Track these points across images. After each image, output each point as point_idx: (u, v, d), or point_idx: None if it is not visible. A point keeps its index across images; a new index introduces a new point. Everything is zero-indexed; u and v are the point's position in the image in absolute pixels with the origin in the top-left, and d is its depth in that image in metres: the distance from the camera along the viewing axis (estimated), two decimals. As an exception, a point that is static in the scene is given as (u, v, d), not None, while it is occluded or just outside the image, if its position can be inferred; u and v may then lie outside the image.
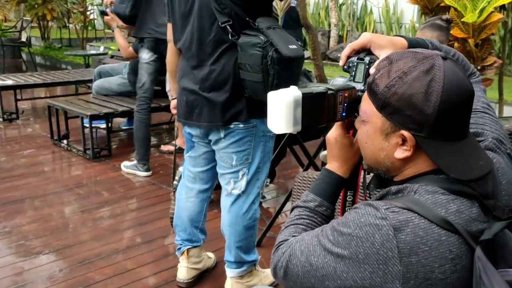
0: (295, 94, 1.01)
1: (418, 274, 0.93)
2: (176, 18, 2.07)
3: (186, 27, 2.02)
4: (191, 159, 2.23)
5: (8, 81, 5.33)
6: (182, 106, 2.09)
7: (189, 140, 2.20)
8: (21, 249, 2.69)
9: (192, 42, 2.00)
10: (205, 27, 1.94)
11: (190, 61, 2.03)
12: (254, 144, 2.05)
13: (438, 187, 0.98)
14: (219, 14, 1.89)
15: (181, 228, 2.31)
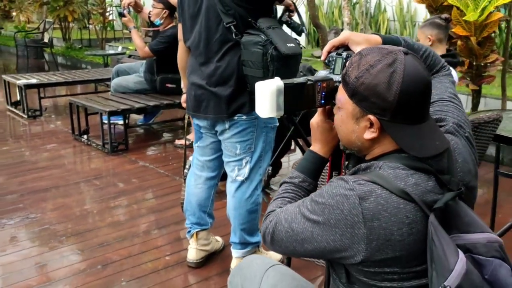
0: (278, 84, 1.19)
1: (379, 236, 1.10)
2: (186, 18, 2.26)
3: (195, 27, 2.21)
4: (199, 149, 2.43)
5: (32, 80, 5.60)
6: (191, 99, 2.29)
7: (198, 131, 2.39)
8: (46, 233, 2.92)
9: (200, 41, 2.19)
10: (211, 27, 2.13)
11: (198, 58, 2.22)
12: (256, 134, 2.23)
13: (400, 163, 1.15)
14: (224, 15, 2.08)
15: (191, 212, 2.50)
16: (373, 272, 1.15)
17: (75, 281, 2.42)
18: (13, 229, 2.97)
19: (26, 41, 9.56)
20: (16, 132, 5.33)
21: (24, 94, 5.54)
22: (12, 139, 4.97)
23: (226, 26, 2.09)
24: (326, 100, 1.28)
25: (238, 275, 1.51)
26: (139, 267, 2.54)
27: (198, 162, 2.46)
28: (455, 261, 1.06)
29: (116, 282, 2.41)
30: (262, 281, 1.44)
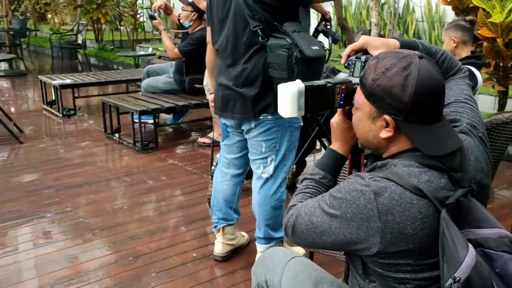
0: (299, 86, 1.28)
1: (393, 230, 1.17)
2: (214, 22, 2.36)
3: (223, 30, 2.31)
4: (226, 147, 2.53)
5: (67, 80, 5.81)
6: (219, 100, 2.39)
7: (225, 130, 2.49)
8: (80, 226, 3.07)
9: (227, 43, 2.28)
10: (238, 31, 2.23)
11: (225, 61, 2.32)
12: (281, 133, 2.31)
13: (414, 161, 1.22)
14: (250, 19, 2.17)
15: (217, 208, 2.60)
16: (388, 263, 1.22)
17: (108, 272, 2.55)
18: (50, 221, 3.13)
19: (61, 43, 9.85)
20: (51, 130, 5.54)
21: (59, 94, 5.75)
22: (47, 137, 5.18)
23: (253, 30, 2.17)
24: (345, 101, 1.36)
25: (261, 265, 1.60)
26: (168, 260, 2.66)
27: (224, 159, 2.56)
28: (465, 254, 1.11)
29: (146, 273, 2.53)
30: (284, 271, 1.52)
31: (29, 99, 7.31)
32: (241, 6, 2.18)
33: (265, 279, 1.55)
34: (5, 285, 2.44)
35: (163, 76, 5.17)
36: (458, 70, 1.48)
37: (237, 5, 2.20)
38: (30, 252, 2.77)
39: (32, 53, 12.07)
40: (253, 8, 2.16)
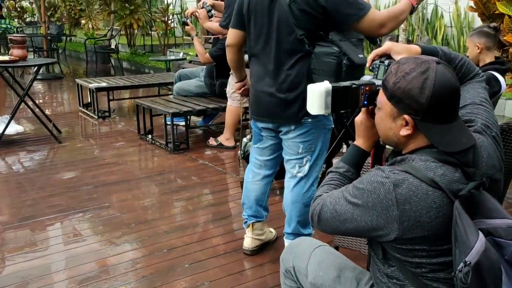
0: (326, 86, 1.42)
1: (410, 218, 1.30)
2: (252, 27, 2.45)
3: (262, 36, 2.41)
4: (258, 150, 2.67)
5: (103, 83, 6.06)
6: (257, 105, 2.50)
7: (258, 134, 2.62)
8: (117, 220, 3.26)
9: (270, 50, 2.38)
10: (283, 38, 2.33)
11: (267, 66, 2.41)
12: (317, 135, 2.45)
13: (430, 157, 1.35)
14: (296, 28, 2.28)
15: (248, 205, 2.75)
16: (405, 249, 1.35)
17: (144, 263, 2.72)
18: (90, 215, 3.33)
19: (95, 47, 10.19)
20: (87, 131, 5.80)
21: (95, 96, 6.01)
22: (84, 138, 5.43)
23: (299, 38, 2.28)
24: (369, 101, 1.49)
25: (289, 253, 1.74)
26: (200, 252, 2.82)
27: (256, 161, 2.70)
28: (475, 240, 1.23)
29: (180, 265, 2.69)
30: (310, 258, 1.66)
31: (65, 101, 7.62)
32: (287, 14, 2.28)
33: (292, 265, 1.69)
34: (60, 269, 2.64)
35: (194, 80, 5.36)
36: (475, 74, 1.60)
37: (282, 12, 2.30)
38: (72, 243, 2.97)
39: (67, 57, 12.48)
40: (299, 18, 2.26)
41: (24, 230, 3.13)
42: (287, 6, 2.27)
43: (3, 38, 11.12)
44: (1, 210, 3.51)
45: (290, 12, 2.27)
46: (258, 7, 2.40)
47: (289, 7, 2.27)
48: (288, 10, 2.27)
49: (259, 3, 2.40)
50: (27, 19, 15.89)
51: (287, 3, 2.27)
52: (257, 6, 2.40)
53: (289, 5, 2.27)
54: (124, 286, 2.49)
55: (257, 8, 2.41)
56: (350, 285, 1.57)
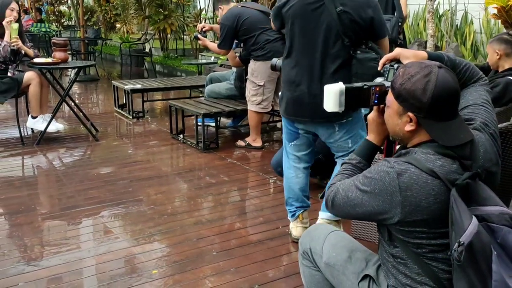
0: (340, 87, 1.62)
1: (411, 203, 1.48)
2: (293, 31, 2.63)
3: (306, 41, 2.59)
4: (295, 147, 2.87)
5: (137, 85, 6.36)
6: (298, 106, 2.67)
7: (295, 132, 2.81)
8: (151, 211, 3.50)
9: (315, 54, 2.57)
10: (329, 43, 2.54)
11: (312, 69, 2.60)
12: (358, 125, 2.69)
13: (431, 150, 1.52)
14: (343, 35, 2.51)
15: (294, 198, 2.96)
16: (407, 231, 1.53)
17: (175, 250, 2.95)
18: (126, 207, 3.58)
19: (129, 51, 10.57)
20: (122, 131, 6.10)
21: (130, 97, 6.31)
22: (119, 137, 5.73)
23: (346, 44, 2.52)
24: (379, 100, 1.68)
25: (307, 236, 1.93)
26: (226, 242, 3.03)
27: (294, 157, 2.90)
28: (469, 223, 1.40)
29: (208, 253, 2.91)
30: (325, 241, 1.85)
31: (101, 102, 7.98)
32: (335, 22, 2.50)
33: (309, 247, 1.88)
34: (98, 253, 2.90)
35: (225, 82, 5.59)
36: (479, 78, 1.77)
37: (331, 20, 2.51)
38: (109, 231, 3.23)
39: (103, 60, 12.94)
40: (347, 26, 2.50)
41: (64, 219, 3.40)
42: (336, 15, 2.49)
43: (43, 41, 11.66)
44: (43, 201, 3.81)
45: (339, 21, 2.49)
46: (299, 12, 2.57)
47: (338, 16, 2.49)
48: (336, 18, 2.49)
49: (302, 9, 2.57)
50: (64, 23, 16.49)
51: (336, 12, 2.49)
52: (300, 11, 2.58)
53: (338, 14, 2.49)
54: (156, 270, 2.72)
55: (300, 13, 2.58)
56: (359, 265, 1.76)
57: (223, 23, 4.68)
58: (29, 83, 4.96)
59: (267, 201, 3.73)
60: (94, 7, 15.07)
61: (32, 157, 4.80)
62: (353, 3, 2.52)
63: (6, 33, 4.85)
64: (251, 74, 4.73)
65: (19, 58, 5.09)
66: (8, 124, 5.94)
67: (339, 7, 2.49)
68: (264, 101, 4.72)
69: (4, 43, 4.85)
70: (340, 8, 2.49)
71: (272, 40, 4.57)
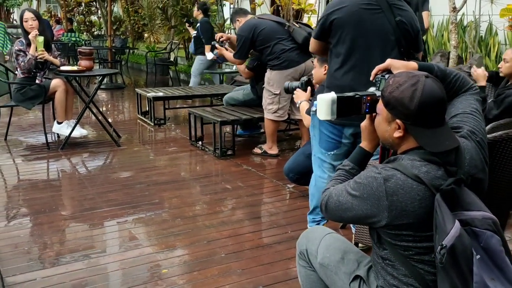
0: (332, 96, 1.70)
1: (397, 207, 1.55)
2: (351, 38, 2.65)
3: (363, 48, 2.65)
4: (334, 156, 2.89)
5: (159, 93, 6.53)
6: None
7: (337, 141, 2.85)
8: (166, 214, 3.63)
9: (372, 60, 2.55)
10: (387, 51, 2.61)
11: (368, 75, 2.69)
12: None
13: (417, 156, 1.60)
14: (400, 43, 2.64)
15: None
16: (394, 234, 1.60)
17: (186, 251, 3.06)
18: (142, 210, 3.72)
19: (155, 60, 10.82)
20: (144, 137, 6.28)
21: (152, 105, 6.49)
22: (140, 143, 5.91)
23: (402, 52, 2.64)
24: (370, 109, 1.76)
25: (304, 238, 2.01)
26: (236, 245, 3.13)
27: (330, 166, 2.92)
28: (451, 227, 1.47)
29: (217, 254, 3.01)
30: (320, 242, 1.93)
31: (125, 109, 8.20)
32: (394, 30, 2.62)
33: (305, 248, 1.96)
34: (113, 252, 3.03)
35: (244, 87, 5.74)
36: (469, 88, 1.84)
37: (389, 28, 2.62)
38: (124, 231, 3.37)
39: (129, 69, 13.25)
40: (403, 35, 2.63)
41: (82, 219, 3.56)
42: (394, 23, 2.62)
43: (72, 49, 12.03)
44: (64, 202, 3.98)
45: (397, 29, 2.62)
46: (355, 18, 2.63)
47: (397, 24, 2.62)
48: (395, 26, 2.62)
49: (358, 15, 2.63)
50: (95, 32, 16.94)
51: (394, 20, 2.62)
52: (356, 17, 2.63)
53: (397, 22, 2.62)
54: (166, 270, 2.84)
55: (357, 20, 2.63)
56: (351, 266, 1.83)
57: (239, 34, 4.84)
58: (55, 90, 5.17)
59: (279, 207, 3.82)
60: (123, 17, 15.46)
61: (57, 161, 5.00)
62: (407, 14, 2.66)
63: (32, 46, 5.08)
64: (267, 83, 4.84)
65: (46, 67, 5.31)
66: (36, 129, 6.18)
67: (398, 17, 2.62)
68: (280, 109, 4.81)
69: (29, 56, 5.08)
70: (399, 17, 2.62)
71: (287, 49, 4.68)
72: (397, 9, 2.64)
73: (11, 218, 3.59)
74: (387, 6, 2.62)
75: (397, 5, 2.66)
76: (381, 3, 2.63)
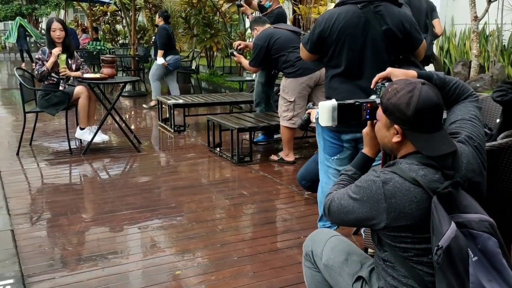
0: (333, 103, 1.77)
1: (395, 209, 1.61)
2: (341, 50, 2.71)
3: (355, 59, 2.71)
4: (338, 161, 2.95)
5: (180, 100, 6.67)
6: None
7: (339, 146, 2.91)
8: (182, 218, 3.73)
9: (363, 70, 2.69)
10: (378, 61, 2.65)
11: (360, 83, 2.71)
12: None
13: (415, 161, 1.65)
14: (388, 52, 2.67)
15: None
16: (393, 235, 1.65)
17: (200, 253, 3.14)
18: (159, 213, 3.82)
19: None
20: (164, 143, 6.41)
21: (172, 112, 6.63)
22: (160, 149, 6.04)
23: (391, 60, 2.66)
24: (371, 116, 1.82)
25: (310, 240, 2.07)
26: (249, 249, 3.20)
27: (335, 171, 2.97)
28: (447, 229, 1.51)
29: (229, 257, 3.08)
30: (325, 244, 1.99)
31: (147, 116, 8.37)
32: (381, 40, 2.65)
33: (311, 250, 2.02)
34: (131, 253, 3.14)
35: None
36: (469, 95, 1.89)
37: (377, 38, 2.66)
38: (141, 234, 3.47)
39: (152, 77, 13.46)
40: (392, 43, 2.65)
41: (101, 222, 3.67)
42: (381, 32, 2.65)
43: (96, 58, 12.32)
44: (86, 205, 4.11)
45: (384, 38, 2.65)
46: (347, 32, 2.69)
47: (384, 33, 2.65)
48: (382, 36, 2.65)
49: (350, 30, 2.69)
50: (120, 41, 17.29)
51: (381, 30, 2.65)
52: (347, 30, 2.70)
53: (384, 31, 2.65)
54: (180, 271, 2.92)
55: (348, 33, 2.70)
56: (355, 267, 1.88)
57: (256, 43, 4.97)
58: (78, 97, 5.34)
59: (293, 213, 3.88)
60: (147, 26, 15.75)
61: (79, 165, 5.15)
62: (393, 19, 2.66)
63: (51, 59, 5.25)
64: (283, 90, 4.94)
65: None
66: (59, 135, 6.37)
67: (384, 26, 2.64)
68: (295, 116, 4.88)
69: (44, 68, 5.25)
70: (385, 26, 2.64)
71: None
72: (382, 17, 2.64)
73: (34, 220, 3.73)
74: (373, 17, 2.64)
75: (382, 12, 2.65)
76: (367, 14, 2.65)
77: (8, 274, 2.80)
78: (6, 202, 3.96)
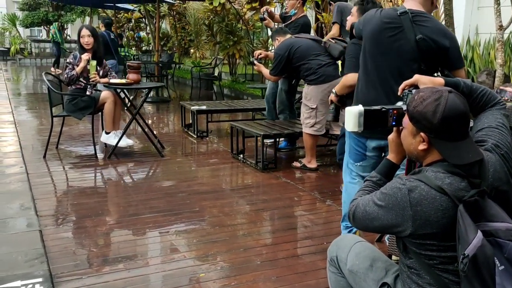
0: (359, 109, 1.79)
1: (421, 217, 1.61)
2: (370, 56, 2.74)
3: (385, 65, 2.69)
4: (361, 167, 2.97)
5: (203, 106, 6.74)
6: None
7: (362, 154, 2.93)
8: (205, 222, 3.77)
9: (391, 77, 2.65)
10: (405, 68, 2.61)
11: (388, 89, 2.67)
12: None
13: (441, 169, 1.66)
14: (421, 61, 2.61)
15: None
16: (419, 243, 1.66)
17: (222, 257, 3.17)
18: (183, 217, 3.86)
19: (199, 75, 11.13)
20: (187, 149, 6.48)
21: (195, 118, 6.70)
22: (183, 154, 6.11)
23: (423, 69, 2.58)
24: (397, 122, 1.84)
25: (334, 245, 2.09)
26: (271, 254, 3.22)
27: (359, 177, 3.00)
28: (473, 237, 1.51)
29: (252, 262, 3.11)
30: (350, 250, 2.00)
31: (170, 121, 8.47)
32: (413, 49, 2.59)
33: (336, 255, 2.04)
34: (154, 256, 3.19)
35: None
36: (496, 103, 1.89)
37: (408, 46, 2.61)
38: (166, 236, 3.52)
39: (175, 83, 13.64)
40: (425, 53, 2.59)
41: (125, 224, 3.73)
42: (414, 41, 2.59)
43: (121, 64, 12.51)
44: (110, 208, 4.18)
45: (416, 47, 2.58)
46: (375, 36, 2.70)
47: (417, 42, 2.59)
48: (415, 45, 2.59)
49: (378, 33, 2.69)
50: (143, 47, 17.54)
51: (414, 39, 2.59)
52: (375, 35, 2.70)
53: (417, 41, 2.58)
54: (203, 274, 2.96)
55: (375, 38, 2.71)
56: (379, 273, 1.90)
57: (276, 53, 5.06)
58: (104, 101, 5.44)
59: (316, 219, 3.89)
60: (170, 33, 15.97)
61: (103, 169, 5.25)
62: (431, 30, 2.59)
63: (81, 65, 5.37)
64: (305, 97, 4.97)
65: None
66: (85, 139, 6.49)
67: (419, 35, 2.57)
68: (317, 123, 4.90)
69: (73, 72, 5.37)
70: (420, 36, 2.57)
71: (324, 64, 4.82)
72: (420, 26, 2.60)
73: (60, 221, 3.81)
74: (409, 24, 2.60)
75: (420, 22, 2.61)
76: (404, 21, 2.62)
77: (37, 273, 2.87)
78: (34, 204, 4.05)
